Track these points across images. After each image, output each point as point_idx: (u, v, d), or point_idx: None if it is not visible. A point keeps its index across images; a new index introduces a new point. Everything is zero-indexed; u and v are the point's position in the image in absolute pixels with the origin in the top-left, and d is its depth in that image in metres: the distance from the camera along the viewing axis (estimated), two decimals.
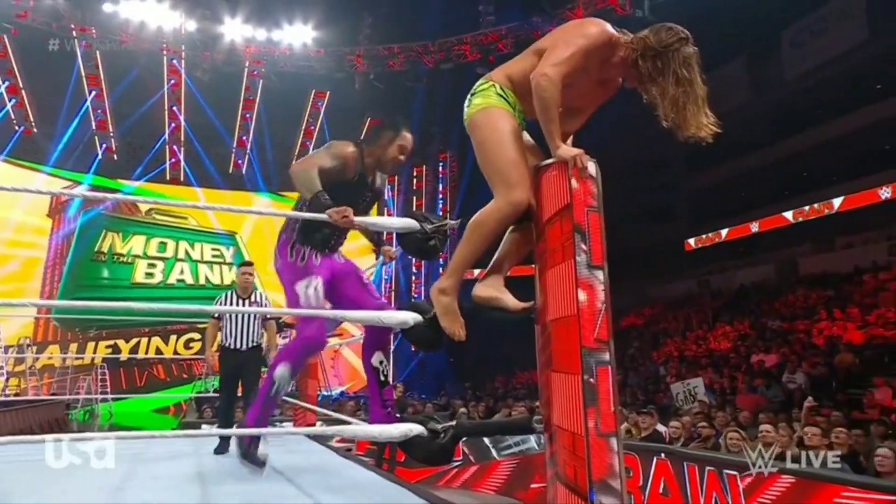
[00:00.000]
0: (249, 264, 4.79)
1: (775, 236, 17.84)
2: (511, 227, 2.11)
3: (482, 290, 2.08)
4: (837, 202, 16.17)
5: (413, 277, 20.38)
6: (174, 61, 16.93)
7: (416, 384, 18.10)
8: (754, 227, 18.07)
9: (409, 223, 2.26)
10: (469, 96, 2.08)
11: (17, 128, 16.57)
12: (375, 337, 2.69)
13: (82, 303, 4.81)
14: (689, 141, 1.98)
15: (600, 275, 1.84)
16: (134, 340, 16.82)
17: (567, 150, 1.87)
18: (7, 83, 16.18)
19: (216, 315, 4.73)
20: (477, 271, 2.23)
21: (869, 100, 16.50)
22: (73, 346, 16.04)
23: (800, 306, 13.97)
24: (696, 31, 2.03)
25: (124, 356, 16.04)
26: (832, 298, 13.45)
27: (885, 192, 15.24)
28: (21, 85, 16.28)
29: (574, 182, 1.85)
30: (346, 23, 17.32)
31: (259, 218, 19.55)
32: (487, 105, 2.01)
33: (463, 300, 2.12)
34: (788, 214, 17.22)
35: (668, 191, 22.25)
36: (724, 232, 18.90)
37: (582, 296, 1.80)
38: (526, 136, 2.15)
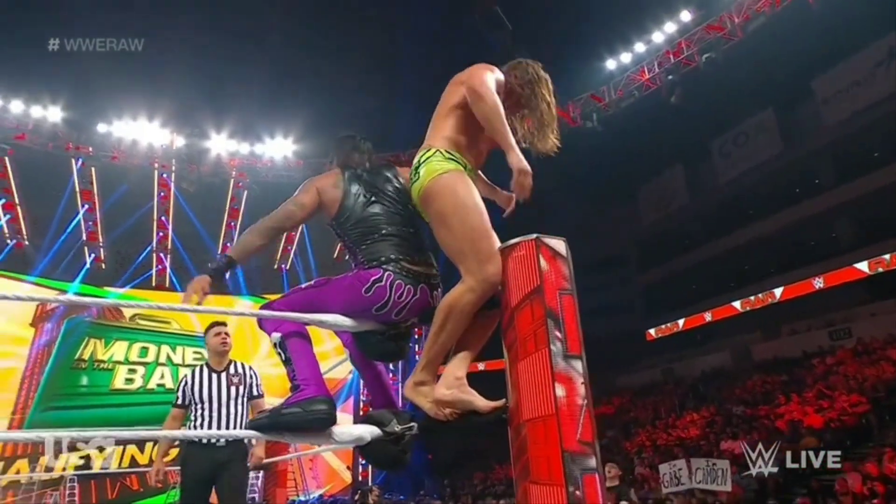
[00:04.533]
0: (223, 324, 3.35)
1: (728, 325, 17.77)
2: None
3: (444, 393, 1.68)
4: (778, 292, 16.31)
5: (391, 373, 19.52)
6: (164, 175, 16.93)
7: (394, 483, 16.68)
8: (708, 317, 18.01)
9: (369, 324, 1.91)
10: (414, 170, 1.82)
11: (8, 241, 16.09)
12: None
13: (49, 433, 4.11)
14: (541, 156, 1.95)
15: (578, 365, 1.52)
16: (108, 450, 15.24)
17: (523, 160, 1.70)
18: (3, 200, 15.88)
19: (181, 402, 3.24)
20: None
21: (790, 202, 17.25)
22: (44, 460, 14.41)
23: (759, 391, 13.63)
24: (638, 144, 1.98)
25: (96, 469, 14.31)
26: (787, 383, 13.19)
27: (818, 283, 15.47)
28: (17, 201, 15.97)
29: (544, 263, 1.58)
30: (323, 137, 17.76)
31: (240, 319, 18.69)
32: (442, 170, 1.75)
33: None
34: (737, 304, 17.26)
35: (624, 286, 22.35)
36: (681, 322, 18.76)
37: (560, 391, 1.47)
38: (480, 174, 2.03)
